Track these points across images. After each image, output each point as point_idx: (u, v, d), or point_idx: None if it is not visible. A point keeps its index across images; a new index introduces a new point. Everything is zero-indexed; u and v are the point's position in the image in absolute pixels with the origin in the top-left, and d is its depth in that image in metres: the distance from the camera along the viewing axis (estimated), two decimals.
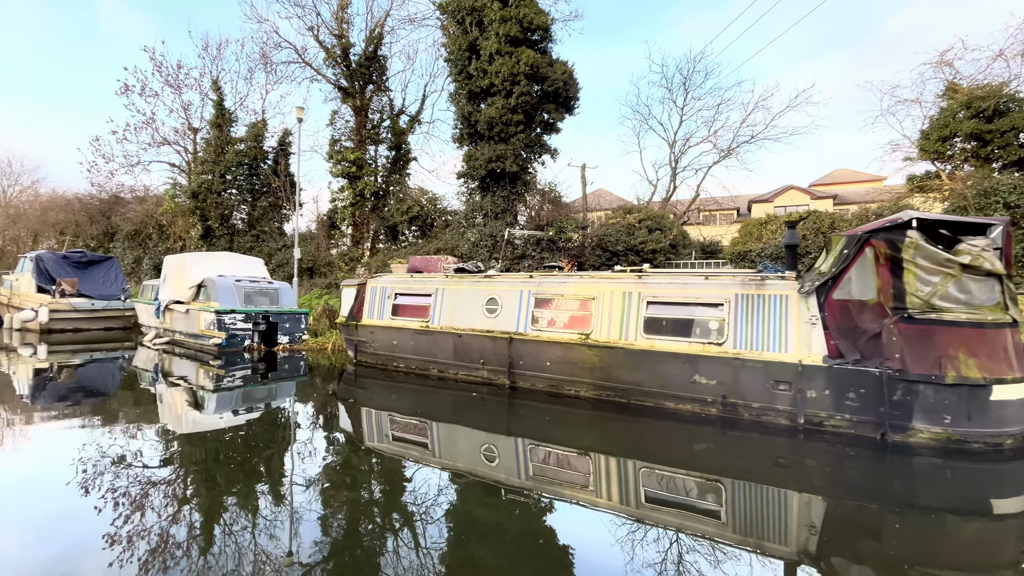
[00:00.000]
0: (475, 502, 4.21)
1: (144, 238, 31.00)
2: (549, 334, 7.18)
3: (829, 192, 35.85)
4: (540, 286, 7.41)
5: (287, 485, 4.46)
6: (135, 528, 3.45)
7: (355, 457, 5.44)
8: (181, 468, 4.82)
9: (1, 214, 39.25)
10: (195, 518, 3.71)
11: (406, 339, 8.66)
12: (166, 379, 9.42)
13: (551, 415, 6.93)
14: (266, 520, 3.68)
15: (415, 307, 8.74)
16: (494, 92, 18.36)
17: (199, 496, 4.15)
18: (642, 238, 17.56)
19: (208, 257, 13.16)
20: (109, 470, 4.54)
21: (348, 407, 7.65)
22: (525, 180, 19.11)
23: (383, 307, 9.13)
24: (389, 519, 3.84)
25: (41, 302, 14.76)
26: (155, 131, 27.64)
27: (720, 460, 5.33)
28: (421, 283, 8.74)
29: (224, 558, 3.14)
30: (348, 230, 23.65)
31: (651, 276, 6.66)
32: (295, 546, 3.29)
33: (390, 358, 8.96)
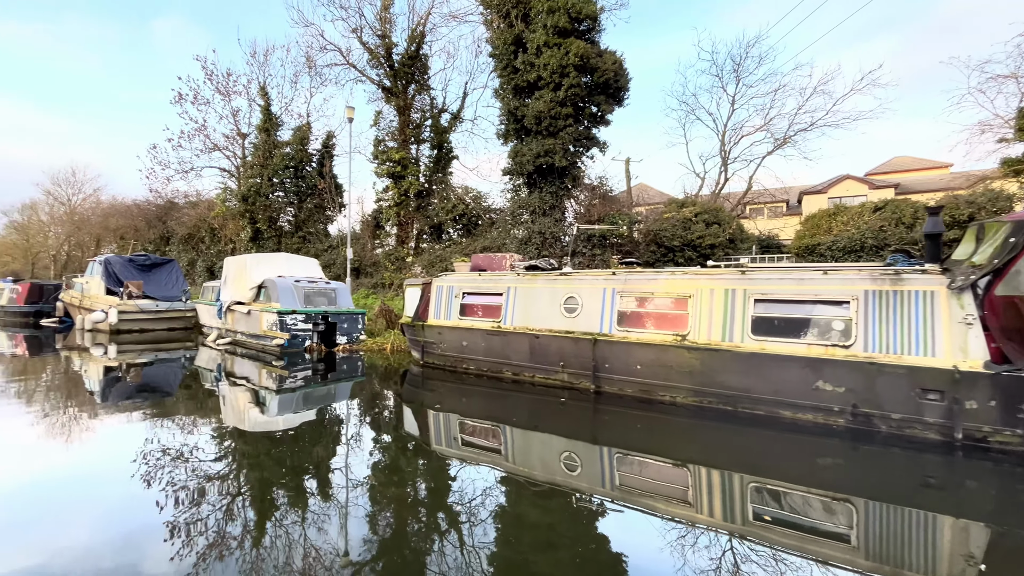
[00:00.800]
0: (554, 512, 3.89)
1: (197, 241, 32.00)
2: (638, 335, 6.62)
3: (889, 181, 33.67)
4: (626, 284, 6.85)
5: (351, 487, 4.32)
6: (194, 521, 3.52)
7: (421, 460, 5.18)
8: (245, 467, 4.78)
9: (67, 221, 41.36)
10: (253, 515, 3.70)
11: (476, 340, 8.25)
12: (229, 379, 9.36)
13: (643, 422, 6.38)
14: (326, 519, 3.64)
15: (485, 307, 8.33)
16: (541, 86, 17.81)
17: (263, 495, 4.10)
18: (699, 232, 16.69)
19: (267, 258, 13.17)
20: (173, 466, 4.60)
21: (414, 409, 7.34)
22: (574, 175, 18.50)
23: (450, 307, 8.76)
24: (457, 525, 3.64)
25: (110, 304, 15.16)
26: (207, 138, 28.43)
27: (850, 477, 4.66)
28: (491, 282, 8.32)
29: (278, 554, 3.15)
30: (393, 230, 23.61)
31: (758, 272, 6.01)
32: (353, 548, 3.24)
33: (459, 360, 8.58)
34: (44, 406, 6.88)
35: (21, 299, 20.26)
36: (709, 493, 4.30)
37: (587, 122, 18.04)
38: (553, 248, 17.36)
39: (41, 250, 44.90)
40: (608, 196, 18.42)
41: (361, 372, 9.95)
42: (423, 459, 5.18)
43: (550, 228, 17.62)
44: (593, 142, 18.18)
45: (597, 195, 18.25)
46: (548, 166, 18.22)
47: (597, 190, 18.62)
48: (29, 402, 7.15)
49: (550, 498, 4.13)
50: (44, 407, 6.81)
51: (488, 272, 8.73)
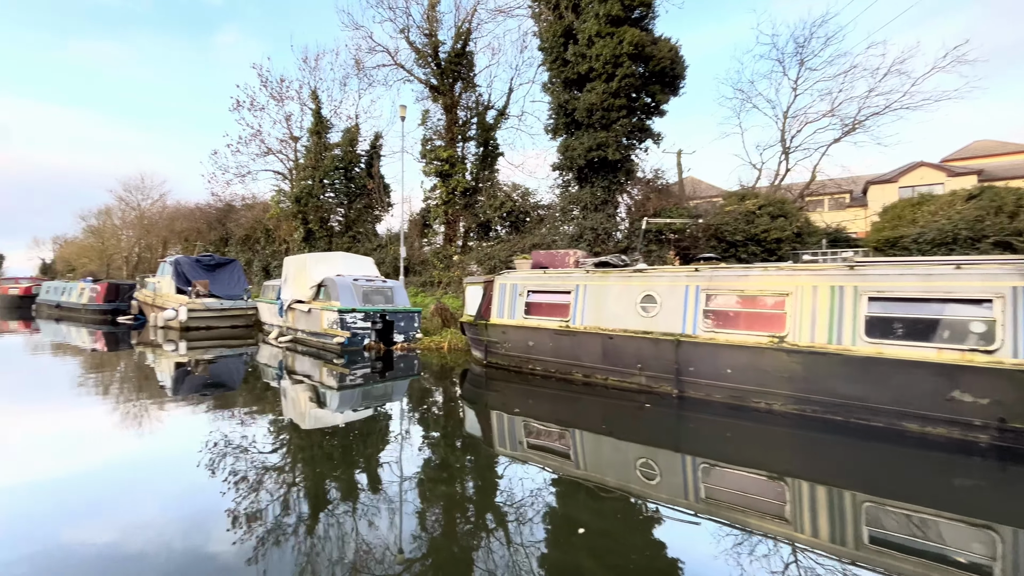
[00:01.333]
0: (630, 523, 3.64)
1: (253, 242, 33.31)
2: (728, 336, 6.07)
3: (971, 167, 30.91)
4: (712, 280, 6.31)
5: (410, 484, 4.26)
6: (256, 510, 3.63)
7: (484, 462, 4.93)
8: (306, 461, 4.83)
9: (137, 224, 44.10)
10: (312, 508, 3.76)
11: (543, 340, 7.91)
12: (290, 376, 9.44)
13: (734, 431, 5.84)
14: (384, 516, 3.62)
15: (551, 305, 7.97)
16: (593, 77, 17.24)
17: (322, 489, 4.14)
18: (764, 226, 15.68)
19: (325, 257, 13.32)
20: (237, 456, 4.74)
21: (477, 410, 7.06)
22: (628, 168, 17.84)
23: (514, 305, 8.45)
24: (519, 528, 3.50)
25: (180, 302, 15.81)
26: (262, 142, 29.47)
27: (995, 501, 4.00)
28: (558, 279, 7.95)
29: (333, 546, 3.20)
30: (440, 228, 23.65)
31: (871, 267, 5.35)
32: (408, 545, 3.22)
33: (525, 360, 8.26)
34: (122, 397, 7.38)
35: (100, 298, 21.56)
36: (813, 510, 3.82)
37: (641, 113, 17.34)
38: (606, 244, 16.80)
39: (115, 252, 48.10)
40: (664, 190, 17.64)
41: (418, 371, 9.81)
42: (485, 461, 4.97)
43: (602, 224, 17.07)
44: (647, 134, 17.45)
45: (652, 189, 17.52)
46: (601, 160, 17.65)
47: (652, 183, 17.88)
48: (109, 393, 7.64)
49: (623, 506, 3.89)
50: (123, 398, 7.31)
51: (552, 269, 8.35)
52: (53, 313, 24.23)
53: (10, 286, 28.66)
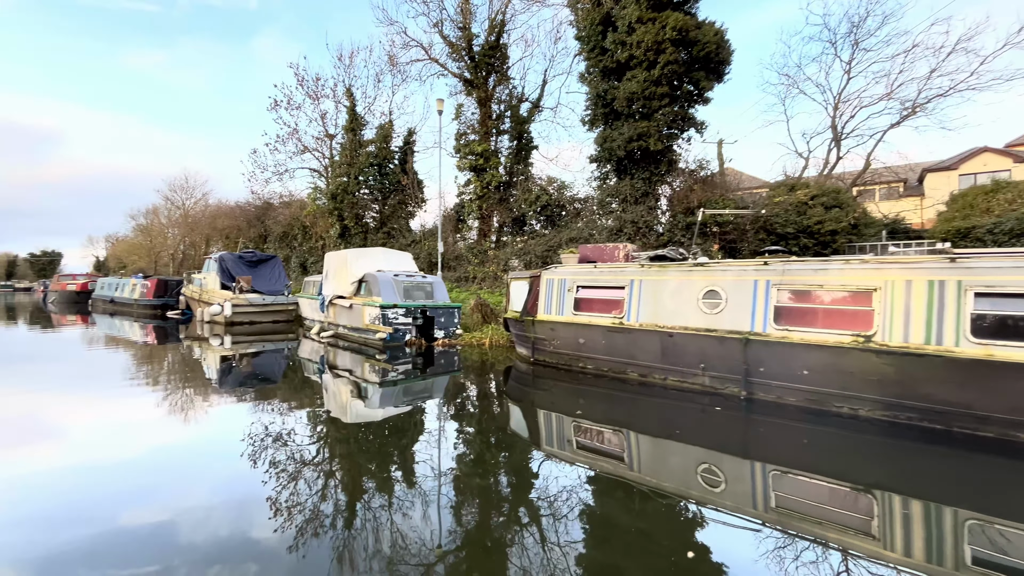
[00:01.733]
0: (689, 529, 3.47)
1: (291, 239, 34.06)
2: (804, 335, 5.59)
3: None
4: (785, 275, 5.83)
5: (453, 481, 4.18)
6: (297, 502, 3.67)
7: (530, 460, 4.75)
8: (349, 455, 4.83)
9: (182, 223, 45.84)
10: (355, 501, 3.77)
11: (595, 337, 7.56)
12: (332, 370, 9.42)
13: (811, 437, 5.37)
14: (424, 512, 3.58)
15: (603, 301, 7.61)
16: (634, 65, 16.64)
17: (366, 483, 4.15)
18: (817, 217, 14.83)
19: (365, 252, 13.30)
20: (280, 449, 4.82)
21: (523, 409, 6.78)
22: (670, 159, 17.19)
23: (563, 301, 8.13)
24: (566, 530, 3.38)
25: (225, 297, 16.16)
26: (299, 140, 29.96)
27: None
28: (610, 274, 7.58)
29: (370, 539, 3.20)
30: (474, 223, 23.49)
31: (976, 259, 4.78)
32: (447, 541, 3.19)
33: (575, 358, 7.93)
34: (175, 389, 7.64)
35: (150, 293, 22.37)
36: (906, 526, 3.41)
37: (684, 101, 16.64)
38: (647, 238, 16.24)
39: (162, 249, 50.16)
40: (708, 180, 16.90)
41: (460, 367, 9.63)
42: (530, 459, 4.81)
43: (643, 217, 16.51)
44: (690, 123, 16.73)
45: (695, 180, 16.82)
46: (641, 151, 17.06)
47: (695, 174, 17.17)
48: (163, 385, 7.95)
49: (681, 511, 3.71)
50: (175, 390, 7.55)
51: (603, 264, 7.98)
52: (108, 308, 25.32)
53: (68, 282, 30.17)
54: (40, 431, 5.46)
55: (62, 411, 6.34)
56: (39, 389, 7.47)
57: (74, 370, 9.71)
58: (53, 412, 6.27)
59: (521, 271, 9.20)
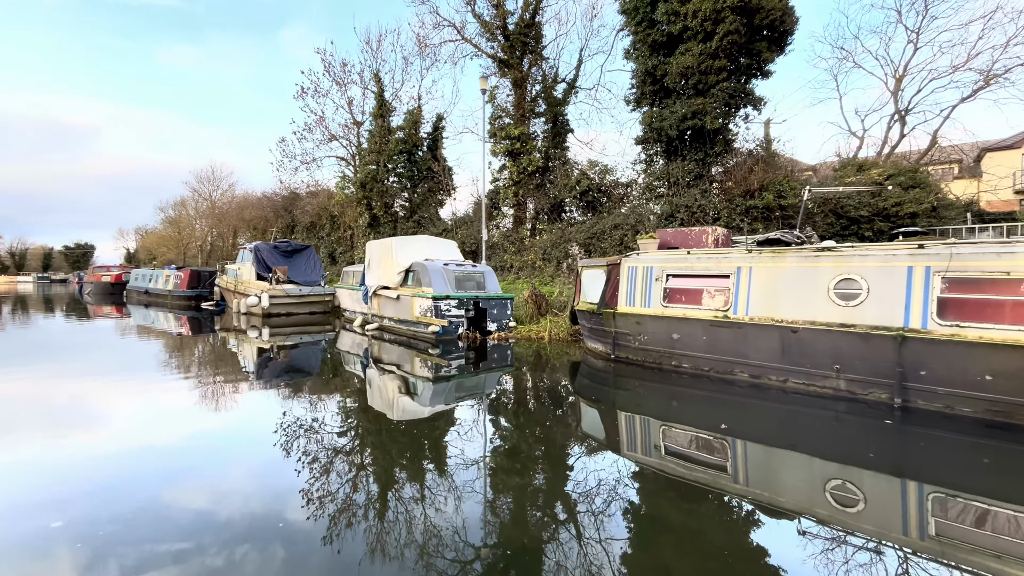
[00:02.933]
0: (810, 550, 2.90)
1: (318, 229, 33.64)
2: (983, 332, 4.60)
3: None
4: (954, 259, 4.82)
5: (517, 483, 3.82)
6: (343, 494, 3.57)
7: (606, 465, 4.18)
8: (402, 454, 4.50)
9: (209, 214, 45.93)
10: (403, 502, 3.50)
11: (693, 332, 6.64)
12: (377, 364, 8.81)
13: (995, 456, 4.40)
14: (487, 515, 3.31)
15: (701, 291, 6.67)
16: (688, 37, 15.41)
17: (421, 482, 3.86)
18: (896, 198, 13.54)
19: (411, 240, 12.53)
20: (328, 444, 4.62)
21: (600, 410, 6.02)
22: (726, 139, 15.98)
23: (649, 291, 7.22)
24: (654, 548, 2.95)
25: (263, 288, 15.61)
26: (326, 128, 29.30)
27: None
28: (710, 260, 6.62)
29: (430, 544, 2.94)
30: (509, 211, 22.57)
31: None
32: (512, 550, 2.88)
33: (667, 355, 7.02)
34: (222, 381, 7.43)
35: (184, 284, 22.07)
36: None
37: (743, 75, 15.37)
38: (703, 223, 15.12)
39: (190, 241, 50.50)
40: (769, 161, 15.63)
41: (516, 362, 8.84)
42: (609, 464, 4.23)
43: (697, 201, 15.39)
44: (748, 99, 15.46)
45: (754, 160, 15.57)
46: (695, 130, 15.88)
47: (754, 154, 15.93)
48: (210, 378, 7.73)
49: (796, 529, 3.14)
50: (222, 382, 7.35)
51: (697, 249, 7.02)
52: (142, 299, 25.21)
53: (103, 274, 30.26)
54: (84, 417, 5.65)
55: (106, 398, 6.40)
56: (84, 376, 7.78)
57: (117, 358, 9.65)
58: (97, 399, 6.38)
59: (595, 259, 8.30)
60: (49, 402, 6.19)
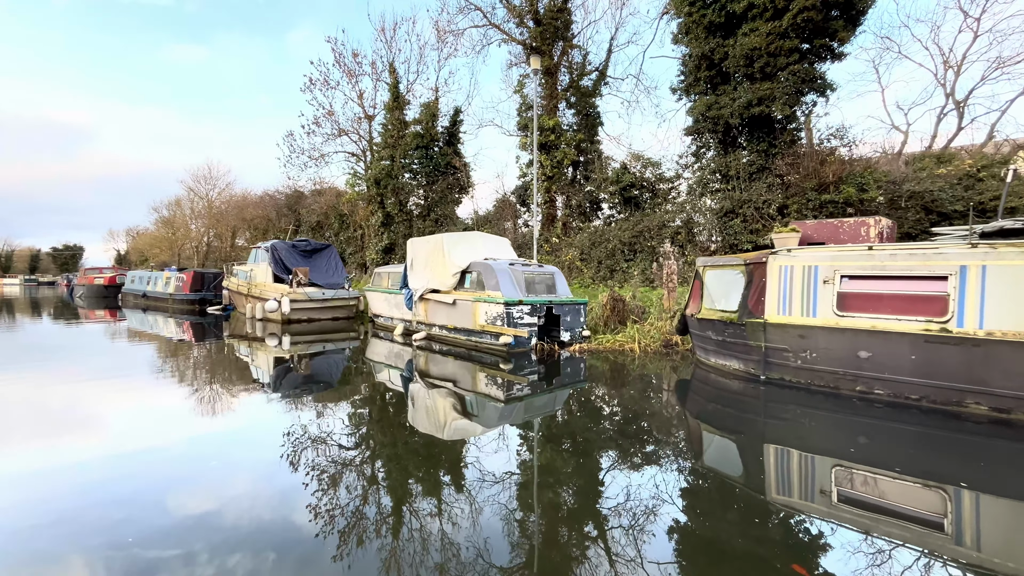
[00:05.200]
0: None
1: (326, 228, 31.85)
2: None
3: None
4: None
5: (645, 524, 3.00)
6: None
7: (752, 509, 3.26)
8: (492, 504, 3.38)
9: (206, 214, 43.84)
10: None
11: (895, 350, 5.14)
12: (424, 379, 7.38)
13: None
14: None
15: (899, 298, 5.18)
16: (753, 16, 14.03)
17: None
18: (994, 191, 12.23)
19: (464, 238, 10.93)
20: (375, 475, 3.93)
21: (739, 442, 4.61)
22: (793, 128, 14.60)
23: (812, 297, 5.72)
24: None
25: (282, 292, 13.92)
26: (335, 122, 27.57)
27: None
28: (913, 258, 5.13)
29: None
30: (540, 208, 21.04)
31: None
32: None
33: (849, 378, 5.51)
34: (243, 396, 6.50)
35: (186, 287, 20.25)
36: None
37: (814, 58, 13.99)
38: (772, 221, 13.70)
39: (185, 242, 48.32)
40: (835, 154, 14.22)
41: (600, 380, 7.32)
42: (756, 509, 3.28)
43: (763, 196, 13.97)
44: (820, 84, 14.08)
45: (827, 151, 14.17)
46: (758, 118, 14.48)
47: (824, 144, 14.53)
48: (240, 394, 6.62)
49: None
50: (245, 398, 6.41)
51: (880, 244, 5.54)
52: (139, 303, 23.30)
53: (95, 276, 28.21)
54: (77, 427, 5.14)
55: (106, 408, 5.84)
56: (81, 381, 7.14)
57: (112, 363, 8.58)
58: (94, 408, 5.82)
59: (726, 256, 6.79)
60: (45, 410, 5.64)
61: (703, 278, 6.98)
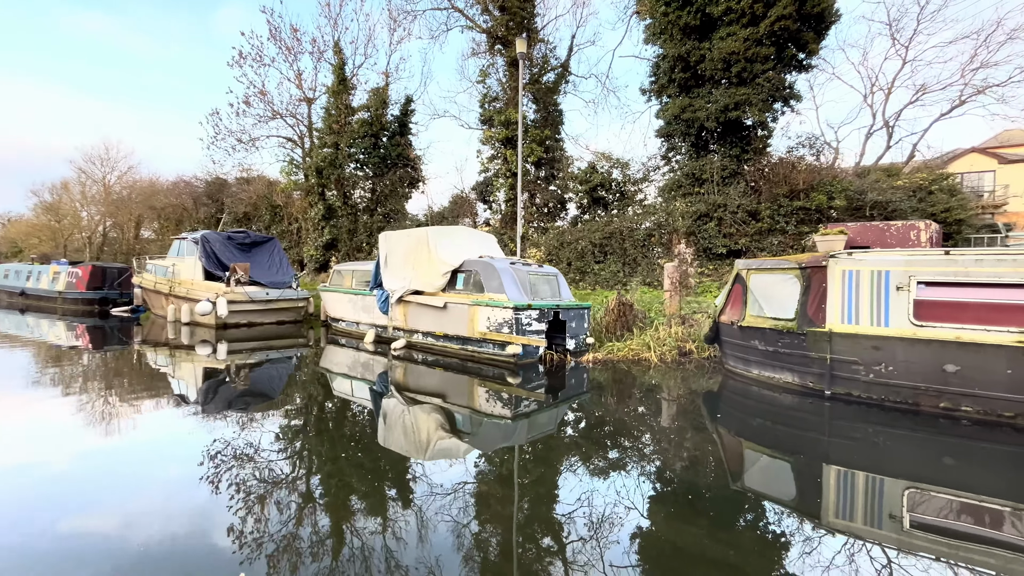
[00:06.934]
0: None
1: (255, 221, 28.42)
2: None
3: (1022, 155, 29.58)
4: None
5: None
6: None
7: (805, 537, 2.90)
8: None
9: (102, 201, 37.71)
10: None
11: (987, 364, 4.71)
12: (403, 393, 6.14)
13: None
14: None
15: (987, 307, 4.78)
16: (731, 20, 14.00)
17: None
18: (944, 204, 13.05)
19: (448, 232, 9.57)
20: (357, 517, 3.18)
21: (795, 465, 4.15)
22: (763, 135, 14.78)
23: (884, 304, 5.21)
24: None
25: (217, 291, 11.68)
26: (268, 103, 24.63)
27: None
28: (1002, 264, 4.75)
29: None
30: (503, 207, 19.94)
31: None
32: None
33: (932, 393, 5.04)
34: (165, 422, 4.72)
35: (82, 284, 16.77)
36: None
37: (785, 66, 14.24)
38: (745, 225, 13.73)
39: (73, 231, 41.36)
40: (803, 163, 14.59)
41: (619, 394, 6.53)
42: (810, 537, 2.92)
43: (737, 200, 13.97)
44: (789, 93, 14.36)
45: (797, 158, 14.49)
46: (730, 123, 14.49)
47: (793, 152, 14.85)
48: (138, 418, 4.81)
49: None
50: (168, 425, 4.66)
51: (958, 251, 5.14)
52: (16, 302, 19.10)
53: None
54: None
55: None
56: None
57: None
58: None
59: (775, 260, 6.17)
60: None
61: (747, 282, 6.31)
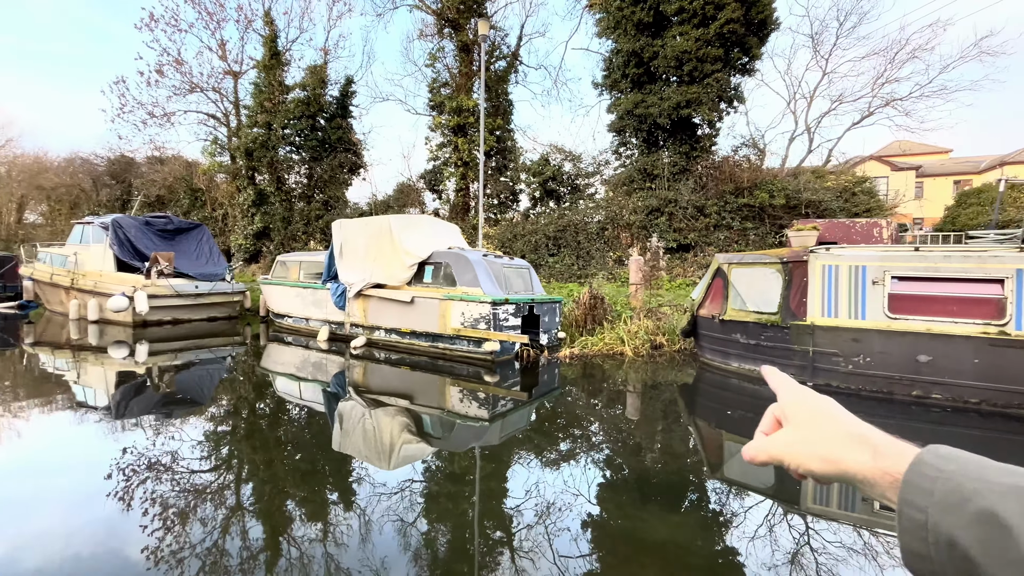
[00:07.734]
0: None
1: (171, 206, 25.35)
2: None
3: (910, 163, 33.41)
4: None
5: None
6: None
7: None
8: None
9: None
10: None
11: (956, 354, 4.98)
12: (362, 395, 5.61)
13: None
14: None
15: (952, 300, 5.07)
16: (683, 20, 14.28)
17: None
18: (865, 204, 14.24)
19: (413, 221, 8.89)
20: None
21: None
22: (711, 133, 15.30)
23: (860, 298, 5.39)
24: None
25: (134, 284, 10.12)
26: (186, 74, 21.99)
27: None
28: (968, 260, 5.03)
29: None
30: (452, 196, 19.21)
31: None
32: None
33: (906, 382, 5.27)
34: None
35: None
36: None
37: (731, 69, 14.79)
38: (694, 221, 14.18)
39: None
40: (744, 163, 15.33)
41: (608, 391, 6.42)
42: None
43: (686, 196, 14.40)
44: (735, 95, 14.96)
45: (743, 158, 15.16)
46: (685, 120, 14.86)
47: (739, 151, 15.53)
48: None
49: None
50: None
51: (934, 246, 5.42)
52: None
53: None
54: None
55: None
56: None
57: None
58: None
59: (753, 253, 6.22)
60: None
61: (728, 276, 6.32)
